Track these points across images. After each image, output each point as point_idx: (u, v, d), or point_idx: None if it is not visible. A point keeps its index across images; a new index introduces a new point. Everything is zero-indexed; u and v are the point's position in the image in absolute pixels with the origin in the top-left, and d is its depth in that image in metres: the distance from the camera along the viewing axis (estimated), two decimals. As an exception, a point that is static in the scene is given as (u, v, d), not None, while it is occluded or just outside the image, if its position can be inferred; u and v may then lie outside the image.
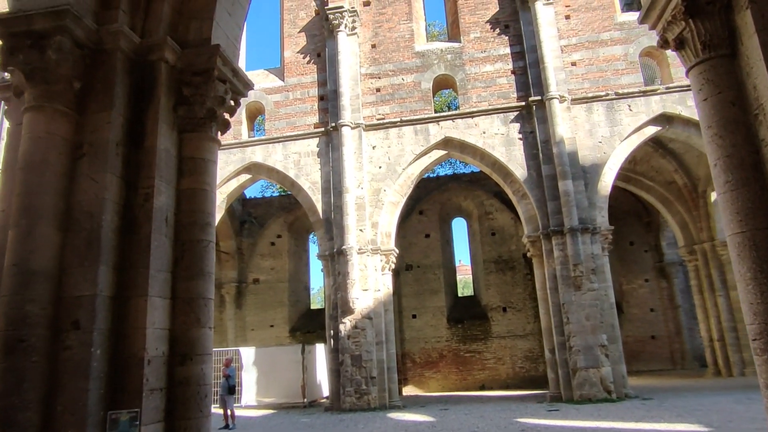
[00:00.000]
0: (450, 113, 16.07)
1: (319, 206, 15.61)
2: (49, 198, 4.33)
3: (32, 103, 4.50)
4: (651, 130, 14.56)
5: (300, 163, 15.99)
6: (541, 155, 14.56)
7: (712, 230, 17.73)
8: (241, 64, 17.87)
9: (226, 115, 5.61)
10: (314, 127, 16.20)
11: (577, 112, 14.73)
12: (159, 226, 4.71)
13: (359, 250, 14.81)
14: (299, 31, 17.07)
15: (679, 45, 4.84)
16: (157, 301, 4.53)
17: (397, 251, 15.99)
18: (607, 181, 14.37)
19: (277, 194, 23.35)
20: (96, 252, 4.29)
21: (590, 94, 14.75)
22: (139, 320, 4.37)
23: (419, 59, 16.26)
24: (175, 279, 4.81)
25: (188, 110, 5.16)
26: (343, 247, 14.72)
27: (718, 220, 17.50)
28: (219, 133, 5.57)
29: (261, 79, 17.10)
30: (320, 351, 18.09)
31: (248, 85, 5.81)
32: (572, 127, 14.52)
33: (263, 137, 16.49)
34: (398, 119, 15.78)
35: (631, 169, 18.21)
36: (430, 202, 21.34)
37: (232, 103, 5.65)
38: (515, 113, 15.17)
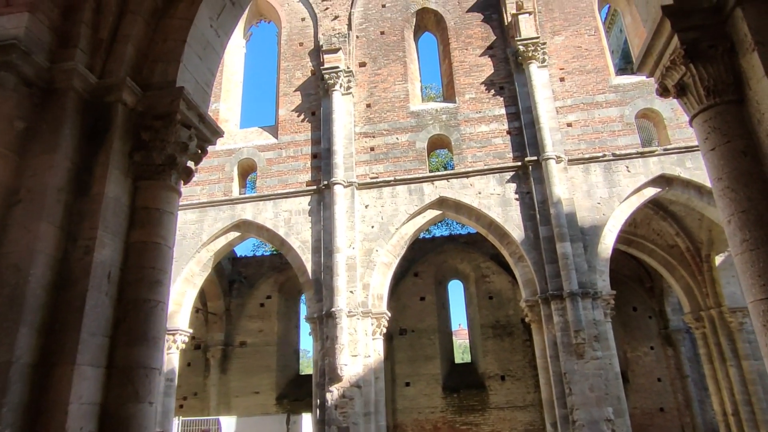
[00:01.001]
0: (445, 173, 15.79)
1: (308, 266, 15.01)
2: (-33, 249, 3.81)
3: (-33, 143, 4.07)
4: (650, 192, 14.19)
5: (290, 222, 15.54)
6: (538, 216, 14.12)
7: (719, 296, 17.01)
8: (236, 122, 17.85)
9: (190, 164, 5.16)
10: (306, 185, 15.87)
11: (575, 173, 14.43)
12: (98, 282, 4.14)
13: (349, 312, 14.08)
14: (294, 90, 17.11)
15: (681, 92, 4.44)
16: (87, 371, 3.89)
17: (390, 314, 15.24)
18: (607, 243, 13.85)
19: (269, 253, 22.81)
20: (18, 311, 3.71)
21: (587, 155, 14.51)
22: (63, 393, 3.72)
23: (414, 119, 16.17)
24: (114, 344, 4.19)
25: (146, 156, 4.72)
26: (332, 309, 14.00)
27: (725, 286, 16.83)
28: (181, 182, 5.11)
29: (254, 137, 16.97)
30: (307, 421, 16.90)
31: (217, 133, 5.41)
32: (570, 187, 14.18)
33: (254, 194, 16.14)
34: (392, 178, 15.48)
35: (631, 231, 17.74)
36: (425, 264, 20.73)
37: (198, 150, 5.21)
38: (511, 173, 14.88)
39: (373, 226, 15.12)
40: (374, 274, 14.72)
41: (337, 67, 16.24)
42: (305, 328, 21.11)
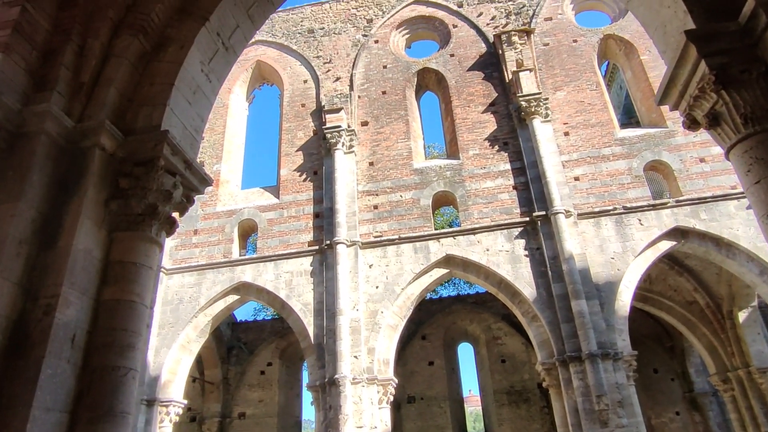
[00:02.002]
0: (451, 230, 15.32)
1: (310, 330, 14.26)
2: None
3: None
4: (666, 245, 13.62)
5: (292, 283, 14.94)
6: (550, 273, 13.50)
7: (745, 355, 16.00)
8: (237, 183, 17.65)
9: (175, 214, 4.72)
10: (308, 245, 15.40)
11: (585, 227, 13.94)
12: (59, 347, 3.59)
13: (353, 379, 13.19)
14: (297, 150, 17.00)
15: (713, 122, 4.01)
16: (37, 456, 3.26)
17: (397, 381, 14.31)
18: (624, 300, 13.14)
19: (270, 318, 22.00)
20: (-43, 384, 3.15)
21: (597, 209, 14.07)
22: (3, 485, 3.10)
23: (418, 176, 15.91)
24: (74, 421, 3.58)
25: (123, 205, 4.28)
26: (336, 376, 13.13)
27: (751, 344, 15.87)
28: (164, 234, 4.64)
29: (256, 197, 16.70)
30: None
31: (205, 181, 4.99)
32: (581, 242, 13.64)
33: (254, 256, 15.64)
34: (396, 236, 15.01)
35: (646, 288, 16.99)
36: (433, 326, 19.86)
37: (183, 200, 4.78)
38: (519, 229, 14.40)
39: (377, 287, 14.49)
40: (380, 338, 13.93)
41: (339, 126, 16.19)
42: (308, 397, 20.02)
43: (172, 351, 14.32)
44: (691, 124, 4.23)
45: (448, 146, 17.24)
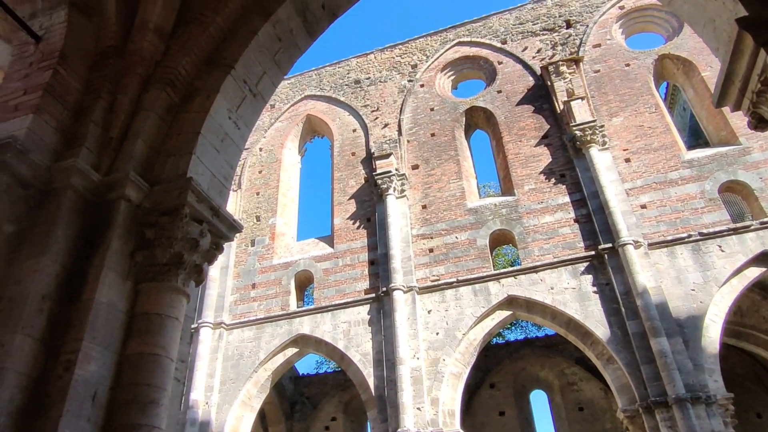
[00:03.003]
0: (511, 269, 14.62)
1: (370, 381, 13.78)
2: (-68, 371, 3.26)
3: (-51, 251, 3.71)
4: (754, 272, 12.28)
5: (350, 333, 14.62)
6: (623, 310, 12.46)
7: None
8: (292, 235, 17.84)
9: (204, 264, 4.59)
10: (364, 293, 15.14)
11: (658, 258, 12.88)
12: (78, 406, 3.43)
13: (418, 433, 12.49)
14: (349, 198, 17.05)
15: (783, 118, 3.47)
16: None
17: (465, 434, 13.44)
18: (712, 336, 11.83)
19: (331, 371, 21.61)
20: (-29, 447, 3.03)
21: (669, 237, 13.01)
22: None
23: (473, 216, 15.45)
24: (94, 486, 3.37)
25: (149, 255, 4.19)
26: (399, 430, 12.49)
27: None
28: (192, 284, 4.51)
29: (311, 248, 16.76)
30: None
31: (234, 228, 4.86)
32: (655, 274, 12.57)
33: (311, 307, 15.53)
34: (454, 279, 14.48)
35: (738, 322, 15.36)
36: (501, 373, 18.76)
37: (212, 247, 4.66)
38: (585, 264, 13.52)
39: (437, 333, 13.91)
40: (443, 387, 13.22)
41: (390, 172, 16.15)
42: (375, 453, 19.21)
43: (233, 408, 14.20)
44: (758, 123, 3.70)
45: (502, 183, 16.75)
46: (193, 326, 14.23)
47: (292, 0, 5.49)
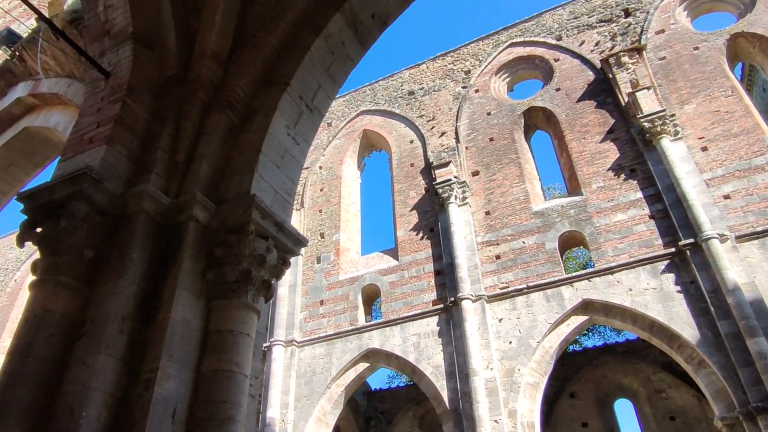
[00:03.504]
0: (584, 272, 13.97)
1: (444, 394, 13.51)
2: (26, 391, 3.42)
3: (38, 277, 3.92)
4: None
5: (420, 346, 14.44)
6: (712, 309, 11.58)
7: None
8: (356, 250, 17.95)
9: (272, 279, 4.62)
10: (432, 304, 14.95)
11: (749, 251, 11.91)
12: (159, 423, 3.50)
13: (497, 447, 12.09)
14: (410, 210, 16.98)
15: None
16: None
17: (547, 447, 12.87)
18: (818, 333, 10.75)
19: (404, 385, 21.41)
20: (61, 466, 3.14)
21: (760, 228, 12.02)
22: None
23: (539, 219, 14.96)
24: (177, 502, 3.41)
25: (219, 273, 4.25)
26: (477, 444, 12.13)
27: None
28: (262, 300, 4.55)
29: (376, 262, 16.78)
30: None
31: (300, 242, 4.88)
32: (746, 269, 11.63)
33: (379, 321, 15.49)
34: (524, 286, 14.02)
35: None
36: (581, 382, 17.89)
37: (279, 262, 4.69)
38: (665, 262, 12.72)
39: (510, 342, 13.47)
40: (520, 398, 12.75)
41: (450, 180, 15.96)
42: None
43: (309, 425, 14.32)
44: None
45: (568, 183, 16.14)
46: (265, 345, 14.56)
47: (341, 13, 5.53)
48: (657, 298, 12.38)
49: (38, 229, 4.09)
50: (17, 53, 7.18)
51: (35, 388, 3.45)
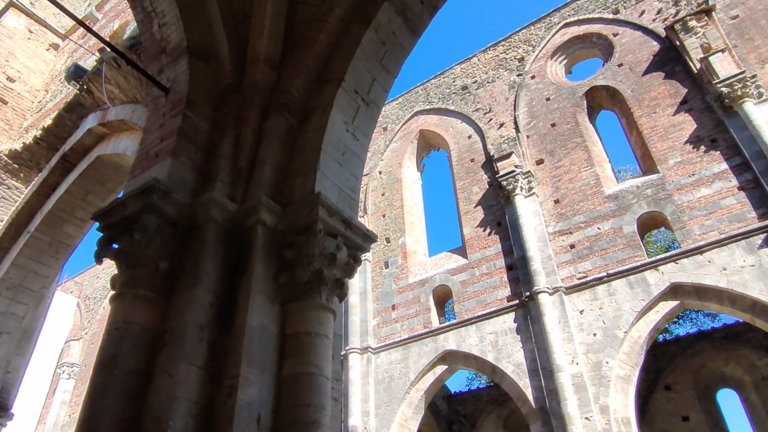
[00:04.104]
0: (670, 254, 13.03)
1: (528, 393, 12.97)
2: (114, 403, 3.44)
3: (117, 291, 3.97)
4: None
5: (498, 344, 13.97)
6: (824, 283, 10.47)
7: None
8: (423, 251, 17.71)
9: (344, 278, 4.49)
10: (507, 301, 14.45)
11: None
12: (244, 430, 3.42)
13: (591, 446, 11.41)
14: (475, 206, 16.56)
15: None
16: None
17: (646, 443, 12.04)
18: None
19: (484, 386, 20.82)
20: (153, 476, 3.11)
21: None
22: None
23: (613, 202, 14.15)
24: None
25: (291, 276, 4.18)
26: (569, 443, 11.52)
27: None
28: (336, 300, 4.42)
29: (444, 262, 16.46)
30: None
31: (369, 238, 4.73)
32: None
33: (453, 321, 15.13)
34: (604, 274, 13.27)
35: None
36: (676, 373, 16.69)
37: (350, 260, 4.55)
38: (762, 236, 11.65)
39: (594, 334, 12.76)
40: (611, 393, 12.02)
41: (513, 171, 15.45)
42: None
43: (391, 431, 14.14)
44: None
45: (641, 162, 15.20)
46: (341, 353, 14.56)
47: (390, 2, 5.38)
48: (756, 276, 11.34)
49: (114, 245, 4.17)
50: (85, 86, 7.53)
51: (122, 399, 3.47)
